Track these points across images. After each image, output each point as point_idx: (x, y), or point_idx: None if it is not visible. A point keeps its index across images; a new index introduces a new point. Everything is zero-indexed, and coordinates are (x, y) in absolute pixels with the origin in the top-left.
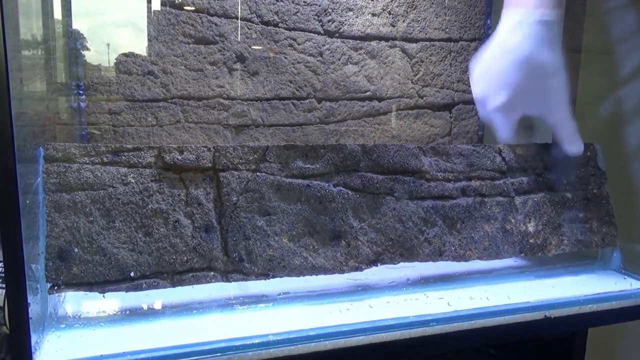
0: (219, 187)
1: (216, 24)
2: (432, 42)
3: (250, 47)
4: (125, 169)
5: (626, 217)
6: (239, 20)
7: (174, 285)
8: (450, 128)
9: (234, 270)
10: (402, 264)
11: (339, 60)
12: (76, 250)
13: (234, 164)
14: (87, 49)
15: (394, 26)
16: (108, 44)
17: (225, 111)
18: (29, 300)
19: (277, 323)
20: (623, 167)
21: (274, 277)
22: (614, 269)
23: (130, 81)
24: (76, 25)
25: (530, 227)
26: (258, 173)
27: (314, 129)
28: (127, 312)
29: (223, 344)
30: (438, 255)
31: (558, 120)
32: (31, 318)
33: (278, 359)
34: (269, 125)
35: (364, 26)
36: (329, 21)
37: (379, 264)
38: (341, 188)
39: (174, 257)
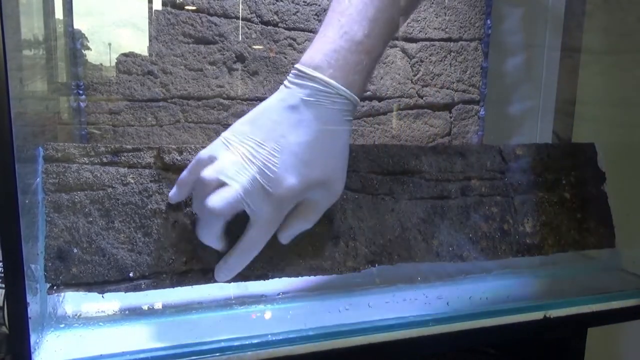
0: None
1: (216, 24)
2: (432, 42)
3: (250, 47)
4: (125, 169)
5: (626, 218)
6: (239, 20)
7: (173, 286)
8: (450, 128)
9: None
10: (400, 264)
11: None
12: (75, 250)
13: None
14: (88, 48)
15: None
16: (109, 44)
17: (225, 111)
18: (28, 300)
19: (276, 323)
20: (623, 167)
21: (272, 277)
22: (613, 269)
23: (130, 81)
24: (77, 25)
25: (528, 228)
26: None
27: None
28: (127, 312)
29: (222, 344)
30: (436, 255)
31: None
32: (30, 318)
33: (277, 359)
34: None
35: None
36: None
37: (377, 265)
38: None
39: (174, 257)
